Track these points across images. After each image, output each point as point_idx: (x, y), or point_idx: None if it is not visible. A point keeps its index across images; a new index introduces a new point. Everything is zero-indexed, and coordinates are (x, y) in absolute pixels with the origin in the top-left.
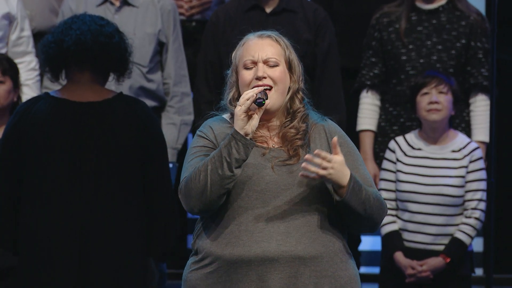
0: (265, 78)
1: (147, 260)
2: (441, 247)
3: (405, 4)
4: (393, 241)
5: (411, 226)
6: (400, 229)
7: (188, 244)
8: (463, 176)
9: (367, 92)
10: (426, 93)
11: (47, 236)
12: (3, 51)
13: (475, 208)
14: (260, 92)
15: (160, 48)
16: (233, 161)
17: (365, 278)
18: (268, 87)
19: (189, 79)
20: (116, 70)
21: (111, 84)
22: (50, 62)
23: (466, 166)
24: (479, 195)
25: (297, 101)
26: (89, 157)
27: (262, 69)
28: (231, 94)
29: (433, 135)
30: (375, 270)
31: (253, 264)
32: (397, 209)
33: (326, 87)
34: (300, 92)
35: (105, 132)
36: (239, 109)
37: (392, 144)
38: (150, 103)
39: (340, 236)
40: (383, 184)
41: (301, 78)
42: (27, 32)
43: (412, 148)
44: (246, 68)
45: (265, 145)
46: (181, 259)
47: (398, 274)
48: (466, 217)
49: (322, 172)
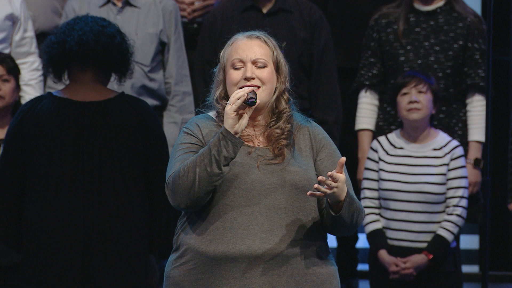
0: (254, 79)
1: (149, 257)
2: (425, 244)
3: (403, 6)
4: (377, 239)
5: (394, 224)
6: (384, 227)
7: None
8: (445, 174)
9: (366, 92)
10: (406, 93)
11: (51, 234)
12: (7, 52)
13: (457, 205)
14: (251, 92)
15: (162, 48)
16: (222, 159)
17: (363, 275)
18: (256, 87)
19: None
20: (118, 71)
21: (114, 83)
22: (53, 63)
23: (447, 164)
24: (461, 192)
25: (283, 102)
26: (92, 156)
27: (251, 70)
28: (218, 92)
29: (414, 134)
30: None
31: (237, 261)
32: (380, 208)
33: (323, 85)
34: (286, 93)
35: (107, 131)
36: (230, 108)
37: (375, 144)
38: (152, 102)
39: (322, 234)
40: (366, 183)
41: (287, 79)
42: (30, 33)
43: (394, 147)
44: (234, 68)
45: (251, 144)
46: None
47: (384, 272)
48: (448, 214)
49: (329, 192)
